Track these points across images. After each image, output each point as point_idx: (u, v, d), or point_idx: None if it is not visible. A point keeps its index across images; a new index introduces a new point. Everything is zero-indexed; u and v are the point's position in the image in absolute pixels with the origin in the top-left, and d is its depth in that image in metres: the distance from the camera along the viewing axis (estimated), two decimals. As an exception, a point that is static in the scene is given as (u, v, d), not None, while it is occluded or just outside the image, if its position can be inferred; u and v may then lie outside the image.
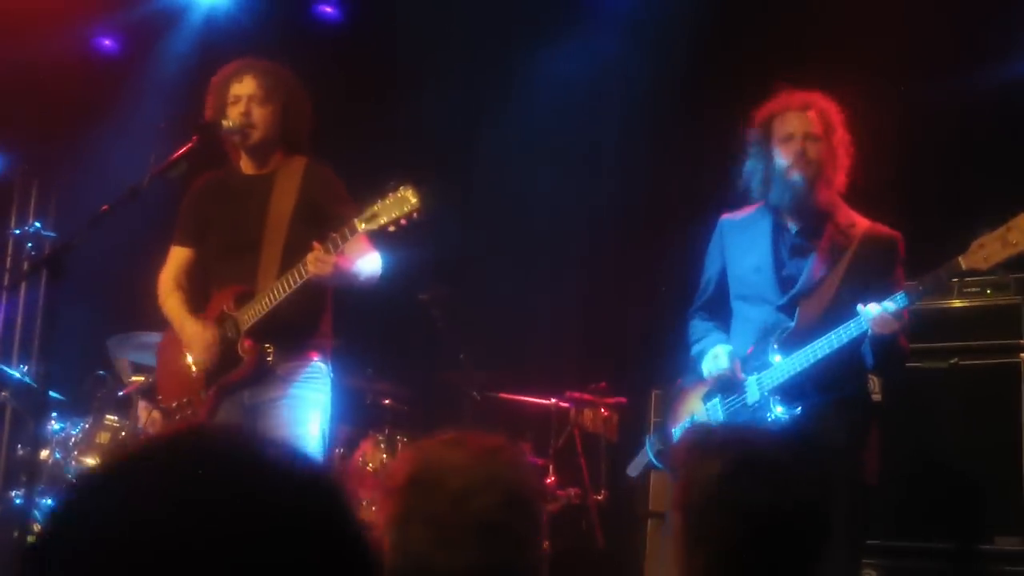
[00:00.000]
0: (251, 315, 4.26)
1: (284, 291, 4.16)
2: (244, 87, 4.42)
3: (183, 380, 4.42)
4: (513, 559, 2.06)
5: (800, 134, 4.03)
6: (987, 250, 3.53)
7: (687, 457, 2.32)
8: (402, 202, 3.88)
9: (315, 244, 4.04)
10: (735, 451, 2.24)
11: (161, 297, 4.57)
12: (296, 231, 4.23)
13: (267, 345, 4.28)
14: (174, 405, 4.45)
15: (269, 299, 4.21)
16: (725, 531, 2.18)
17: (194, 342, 4.39)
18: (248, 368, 4.28)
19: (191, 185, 4.67)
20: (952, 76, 5.90)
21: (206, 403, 4.33)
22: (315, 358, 4.36)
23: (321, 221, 4.24)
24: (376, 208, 3.90)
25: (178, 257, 4.61)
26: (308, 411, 4.29)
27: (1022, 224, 3.49)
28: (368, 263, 4.33)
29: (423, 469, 2.10)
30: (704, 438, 2.40)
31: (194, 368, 4.37)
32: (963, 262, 3.59)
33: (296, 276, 4.11)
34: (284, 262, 4.24)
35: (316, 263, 4.02)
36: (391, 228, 3.92)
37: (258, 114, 4.40)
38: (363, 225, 3.94)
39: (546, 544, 5.99)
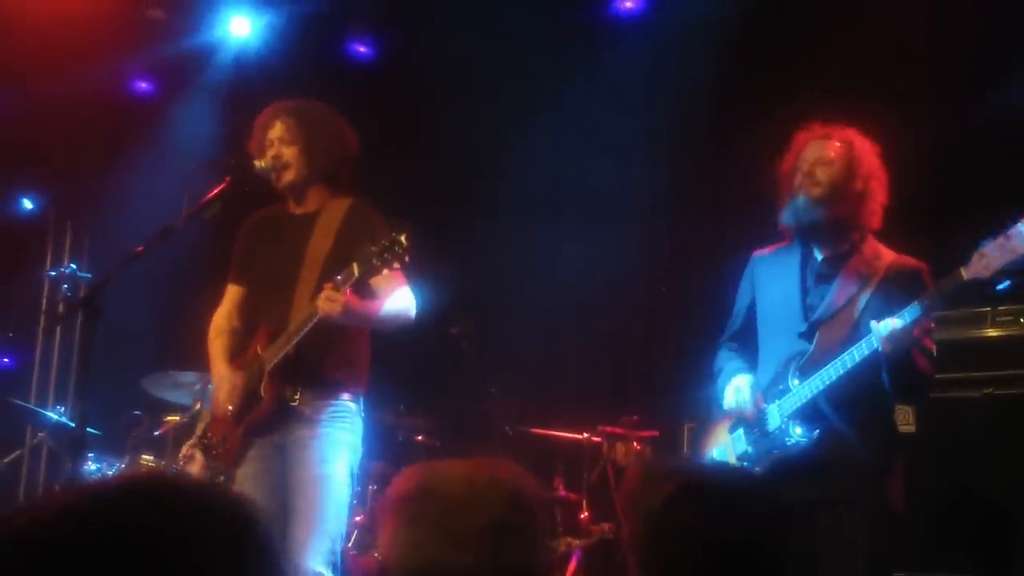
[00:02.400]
0: (273, 355, 4.30)
1: (300, 330, 4.20)
2: (275, 131, 4.48)
3: (223, 418, 4.47)
4: (522, 559, 2.11)
5: (814, 159, 4.06)
6: (987, 258, 3.54)
7: (633, 487, 2.30)
8: (394, 245, 3.94)
9: (325, 284, 4.10)
10: (679, 479, 2.22)
11: (209, 337, 4.64)
12: (330, 271, 4.21)
13: (293, 387, 4.31)
14: (215, 441, 4.51)
15: (288, 339, 4.25)
16: (670, 561, 2.16)
17: (220, 386, 4.48)
18: (268, 408, 4.31)
19: (244, 223, 4.73)
20: (974, 98, 5.92)
21: (236, 441, 4.38)
22: (345, 398, 4.37)
23: None
24: (373, 250, 3.96)
25: (231, 295, 4.67)
26: (335, 450, 4.29)
27: (1020, 230, 3.50)
28: (397, 304, 4.36)
29: (431, 477, 2.18)
30: (650, 468, 2.40)
31: (229, 408, 4.42)
32: (964, 273, 3.60)
33: (310, 316, 4.16)
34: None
35: (325, 302, 4.06)
36: (384, 270, 4.00)
37: (288, 154, 4.45)
38: (358, 268, 4.01)
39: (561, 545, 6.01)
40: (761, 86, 6.63)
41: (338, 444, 4.31)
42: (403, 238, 3.94)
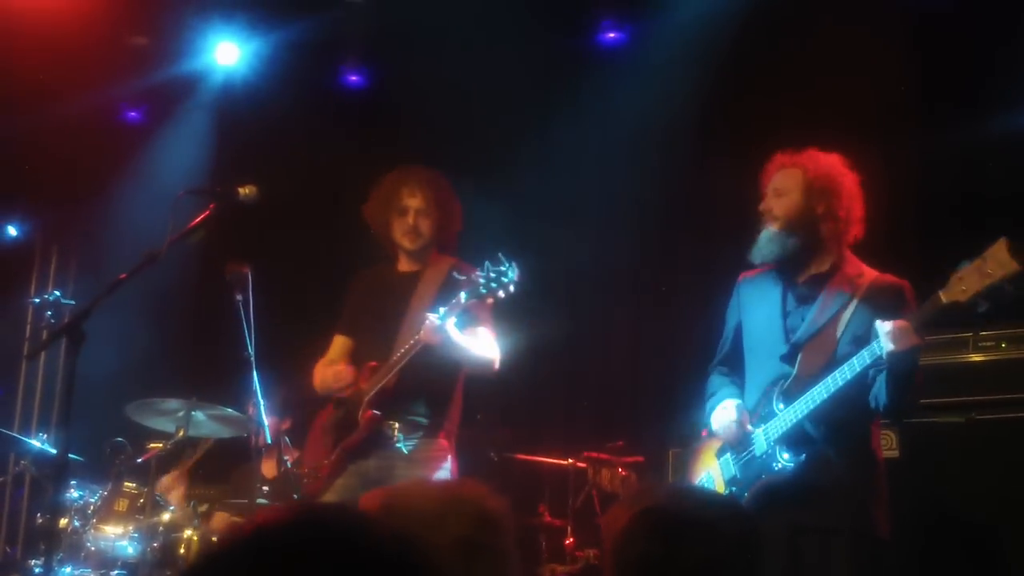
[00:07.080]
0: (373, 384, 4.55)
1: (401, 360, 4.46)
2: (416, 200, 4.82)
3: (319, 450, 4.74)
4: (493, 574, 2.11)
5: (771, 191, 4.10)
6: (965, 282, 3.48)
7: (608, 514, 2.36)
8: (502, 275, 4.21)
9: (428, 313, 4.38)
10: (641, 506, 2.25)
11: (315, 379, 4.87)
12: None
13: (391, 422, 4.55)
14: (306, 471, 4.78)
15: (388, 368, 4.51)
16: None
17: (329, 374, 4.76)
18: (362, 434, 4.55)
19: (356, 276, 5.07)
20: (952, 124, 5.98)
21: (328, 468, 4.63)
22: (440, 437, 4.62)
23: None
24: (480, 279, 4.22)
25: (338, 345, 4.96)
26: None
27: (997, 253, 3.42)
28: (487, 347, 4.66)
29: (395, 498, 2.20)
30: (628, 495, 2.44)
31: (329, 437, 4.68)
32: (943, 296, 3.54)
33: (412, 346, 4.42)
34: None
35: (426, 328, 4.34)
36: (489, 300, 4.30)
37: (424, 225, 4.82)
38: (465, 296, 4.27)
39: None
40: (745, 112, 6.67)
41: None
42: (511, 268, 4.21)
